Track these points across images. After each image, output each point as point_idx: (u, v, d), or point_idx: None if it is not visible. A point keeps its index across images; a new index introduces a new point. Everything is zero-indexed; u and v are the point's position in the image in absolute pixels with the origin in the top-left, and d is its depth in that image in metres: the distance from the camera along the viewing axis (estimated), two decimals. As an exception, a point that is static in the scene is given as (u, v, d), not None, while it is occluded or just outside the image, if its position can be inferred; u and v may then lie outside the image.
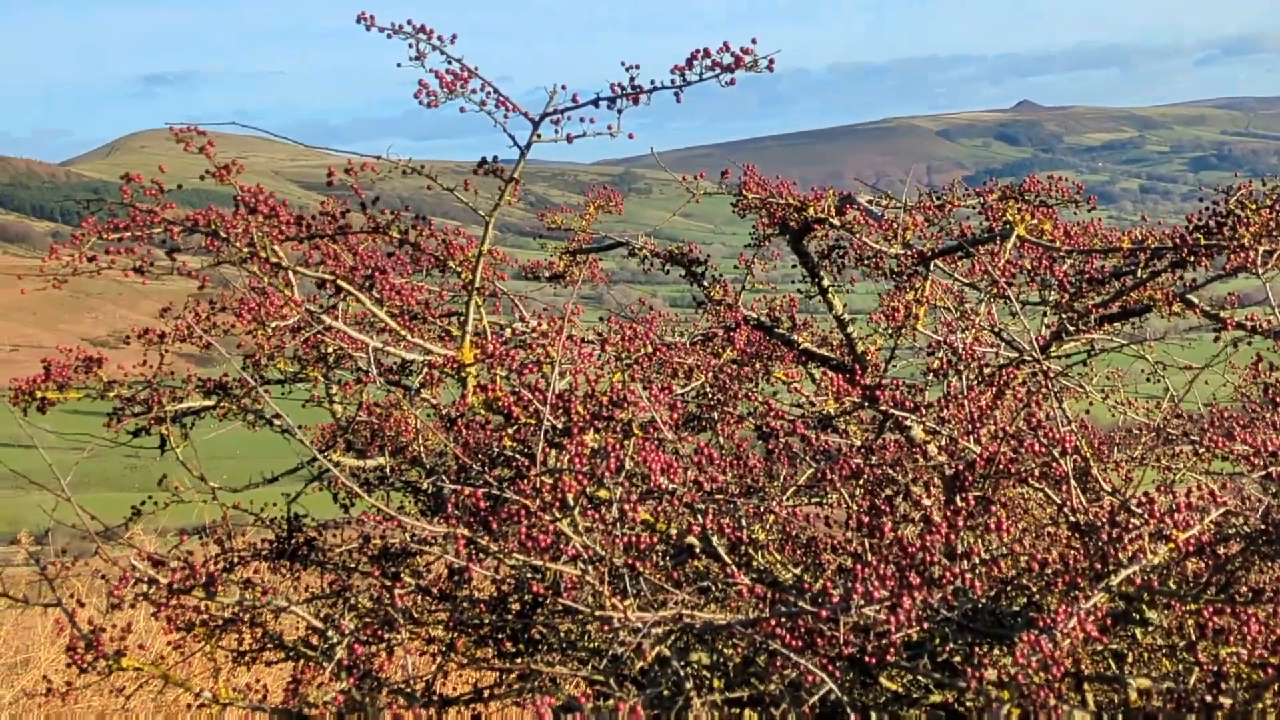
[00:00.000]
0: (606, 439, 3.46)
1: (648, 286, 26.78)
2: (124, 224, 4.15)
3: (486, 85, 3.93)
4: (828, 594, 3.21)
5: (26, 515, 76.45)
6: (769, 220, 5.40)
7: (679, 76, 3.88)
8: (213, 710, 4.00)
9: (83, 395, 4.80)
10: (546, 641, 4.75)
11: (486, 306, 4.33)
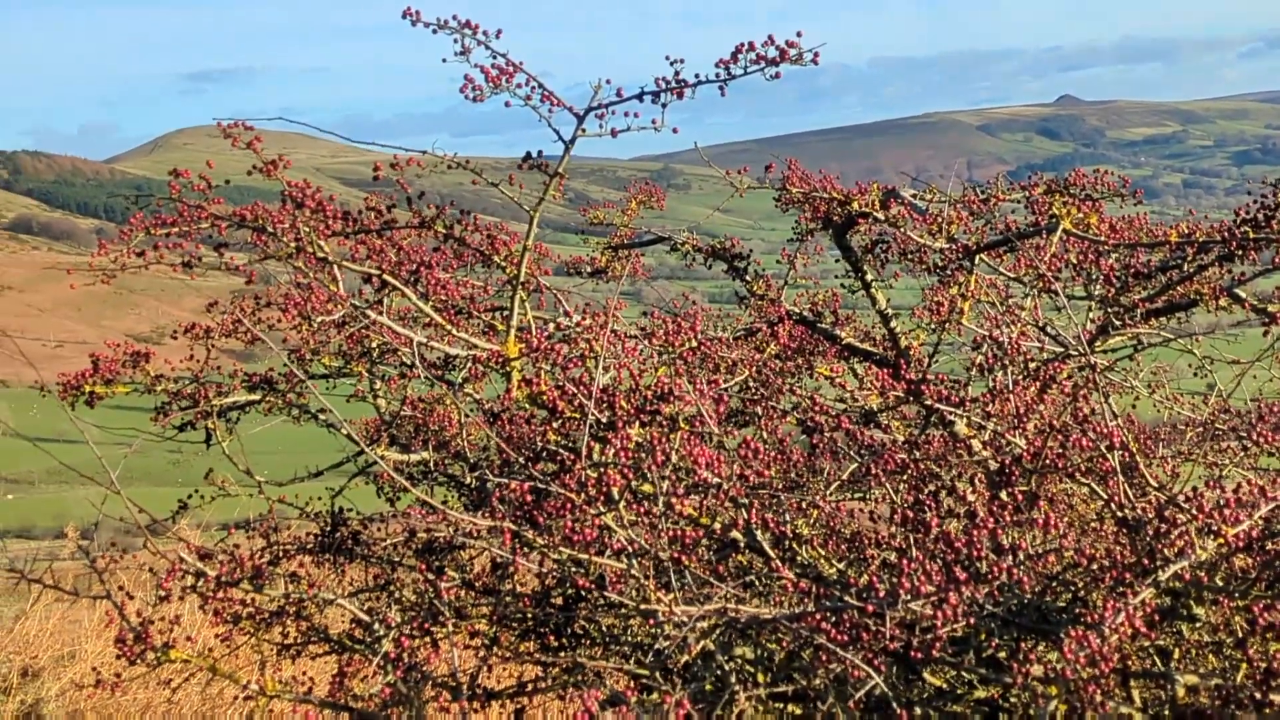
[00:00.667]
0: (651, 433, 3.46)
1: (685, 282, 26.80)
2: (171, 219, 4.18)
3: (531, 80, 3.94)
4: (874, 589, 3.20)
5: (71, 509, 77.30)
6: (812, 215, 5.39)
7: (723, 70, 3.88)
8: (259, 702, 4.02)
9: (130, 390, 4.84)
10: (588, 636, 4.76)
11: (531, 302, 4.34)
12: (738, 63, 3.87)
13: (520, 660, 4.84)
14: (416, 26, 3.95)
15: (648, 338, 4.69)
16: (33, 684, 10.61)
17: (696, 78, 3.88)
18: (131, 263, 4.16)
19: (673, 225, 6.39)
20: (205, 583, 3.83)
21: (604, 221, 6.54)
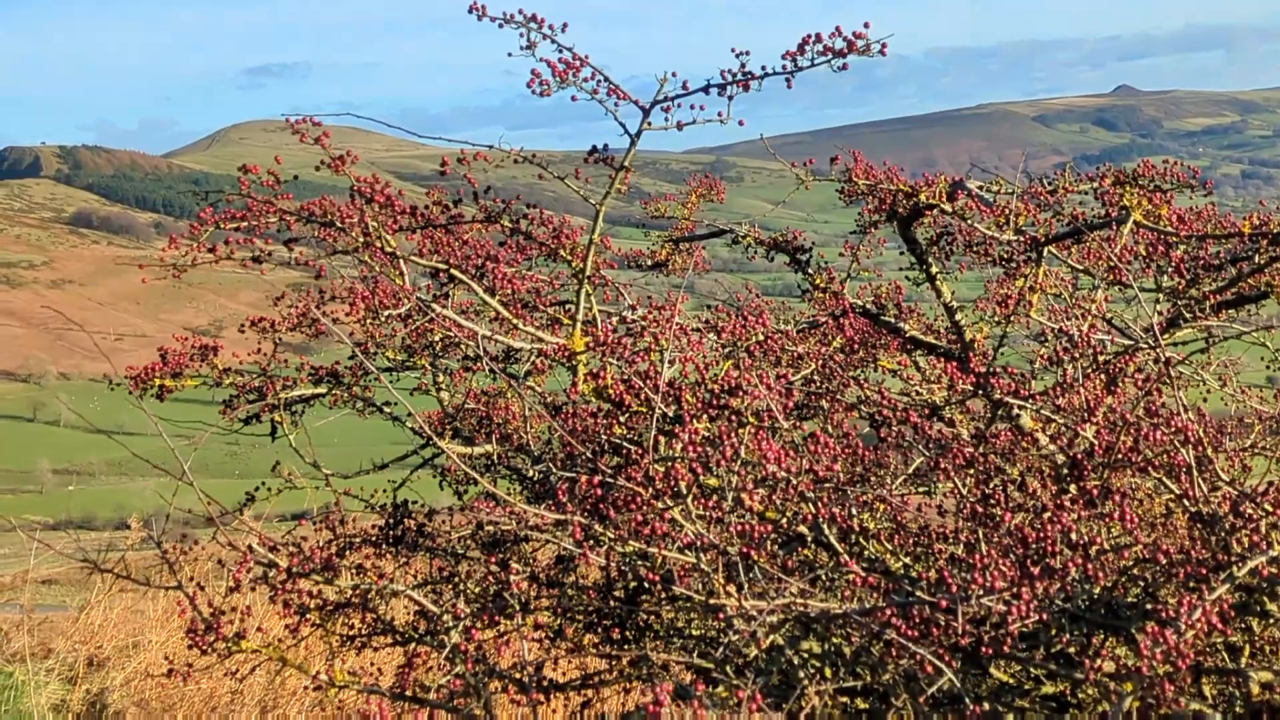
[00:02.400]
0: (720, 427, 3.46)
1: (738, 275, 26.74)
2: (240, 214, 4.21)
3: (596, 74, 3.94)
4: (945, 583, 3.18)
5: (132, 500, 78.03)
6: (876, 207, 5.36)
7: (790, 62, 3.86)
8: (328, 693, 4.05)
9: (199, 383, 4.88)
10: (650, 629, 4.76)
11: (596, 295, 4.34)
12: (804, 54, 3.86)
13: (584, 653, 4.85)
14: (482, 21, 3.96)
15: (712, 331, 4.69)
16: (98, 673, 10.75)
17: (763, 70, 3.87)
18: (203, 257, 4.19)
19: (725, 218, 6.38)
20: (276, 574, 3.86)
21: (666, 215, 6.53)
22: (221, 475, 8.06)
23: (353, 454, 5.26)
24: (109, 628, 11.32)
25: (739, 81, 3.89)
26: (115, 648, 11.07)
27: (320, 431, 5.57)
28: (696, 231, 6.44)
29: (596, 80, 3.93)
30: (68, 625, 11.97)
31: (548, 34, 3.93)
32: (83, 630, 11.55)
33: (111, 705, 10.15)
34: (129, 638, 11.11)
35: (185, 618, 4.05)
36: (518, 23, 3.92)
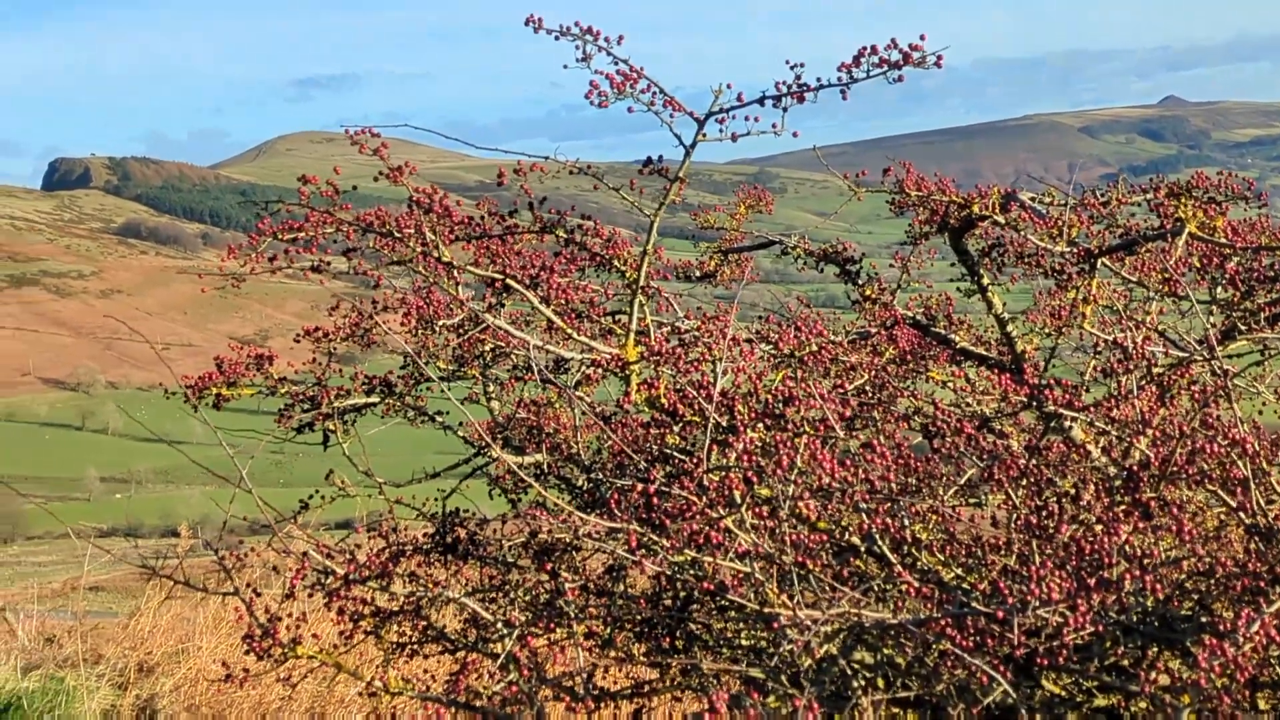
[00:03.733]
0: (775, 436, 3.47)
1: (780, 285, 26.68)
2: (298, 225, 4.24)
3: (652, 85, 3.96)
4: (1001, 594, 3.18)
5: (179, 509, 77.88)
6: (927, 218, 5.35)
7: (845, 74, 3.87)
8: (381, 699, 4.08)
9: (254, 392, 4.93)
10: (700, 639, 4.77)
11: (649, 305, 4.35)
12: (860, 66, 3.86)
13: (633, 662, 4.87)
14: (538, 33, 3.99)
15: (763, 341, 4.70)
16: (148, 679, 10.84)
17: (818, 81, 3.88)
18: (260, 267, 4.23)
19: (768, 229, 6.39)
20: (333, 580, 3.89)
21: (714, 225, 6.54)
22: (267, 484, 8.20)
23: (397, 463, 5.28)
24: (158, 634, 11.41)
25: (794, 93, 3.91)
26: (164, 654, 11.16)
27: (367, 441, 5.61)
28: (744, 242, 6.45)
29: (652, 92, 3.95)
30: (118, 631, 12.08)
31: (603, 46, 3.95)
32: (133, 636, 11.65)
33: (161, 711, 10.23)
34: (178, 644, 11.19)
35: (242, 623, 4.09)
36: (574, 35, 3.95)
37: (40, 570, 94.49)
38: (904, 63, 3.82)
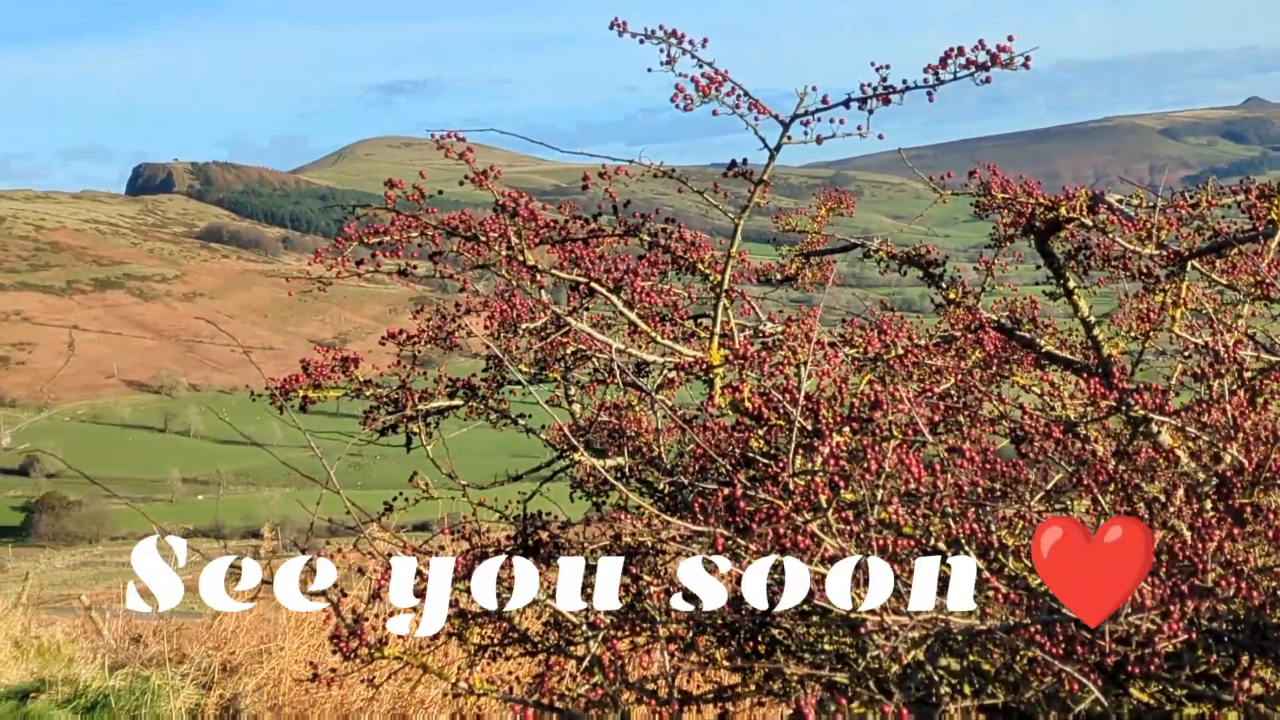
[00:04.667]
0: (862, 441, 3.45)
1: (857, 289, 26.61)
2: (384, 229, 4.28)
3: (737, 88, 3.96)
4: (1094, 601, 3.14)
5: (259, 510, 78.89)
6: (1012, 221, 5.30)
7: (932, 76, 3.84)
8: (466, 700, 4.10)
9: (339, 394, 4.96)
10: (783, 644, 4.75)
11: (733, 309, 4.35)
12: (947, 68, 3.84)
13: (715, 666, 4.86)
14: (622, 36, 3.99)
15: (846, 344, 4.67)
16: (231, 679, 10.97)
17: (905, 83, 3.86)
18: (346, 271, 4.26)
19: (846, 233, 6.36)
20: (420, 582, 3.92)
21: (795, 229, 6.52)
22: (346, 486, 8.27)
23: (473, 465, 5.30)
24: (241, 634, 11.55)
25: (879, 95, 3.88)
26: (247, 654, 11.29)
27: (449, 442, 5.64)
28: (825, 246, 6.42)
29: (737, 95, 3.95)
30: (201, 631, 12.23)
31: (688, 49, 3.95)
32: (216, 636, 11.80)
33: (244, 710, 10.35)
34: (260, 644, 11.31)
35: (327, 624, 4.13)
36: (658, 38, 3.95)
37: (124, 570, 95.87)
38: (992, 64, 3.79)
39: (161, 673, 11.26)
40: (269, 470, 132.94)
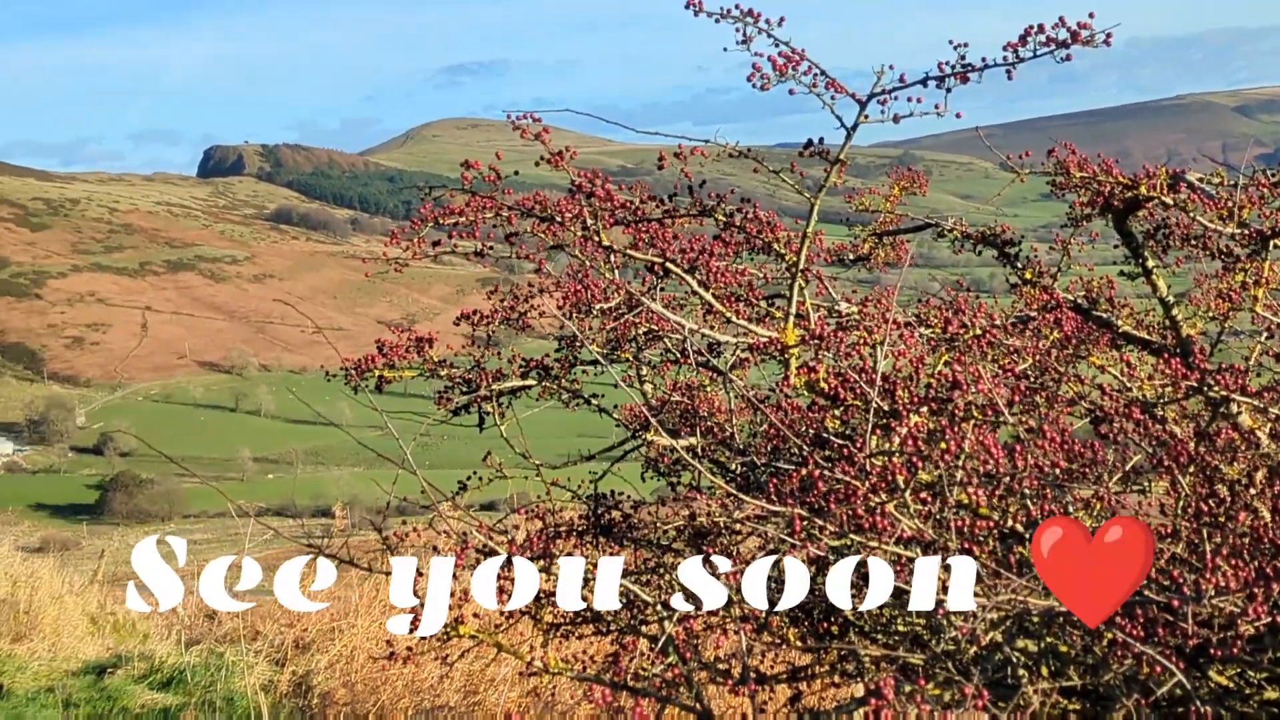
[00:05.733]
0: (940, 421, 3.43)
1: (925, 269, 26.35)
2: (458, 209, 4.29)
3: (813, 68, 3.93)
4: (1175, 582, 3.11)
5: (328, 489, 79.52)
6: (1089, 200, 5.24)
7: (1011, 54, 3.81)
8: (541, 679, 4.12)
9: (415, 375, 4.99)
10: (855, 625, 4.74)
11: (810, 289, 4.33)
12: (1026, 45, 3.80)
13: (787, 646, 4.85)
14: (698, 16, 3.98)
15: (922, 324, 4.64)
16: (303, 656, 11.10)
17: (983, 61, 3.82)
18: (422, 252, 4.28)
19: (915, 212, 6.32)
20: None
21: (869, 208, 6.49)
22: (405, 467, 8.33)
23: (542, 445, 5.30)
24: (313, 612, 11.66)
25: (957, 74, 3.85)
26: (320, 631, 11.41)
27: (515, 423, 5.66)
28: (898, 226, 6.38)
29: (813, 74, 3.93)
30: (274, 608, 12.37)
31: (764, 28, 3.93)
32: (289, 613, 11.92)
33: (317, 686, 10.47)
34: (332, 621, 11.43)
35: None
36: (734, 17, 3.93)
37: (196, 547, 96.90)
38: (1072, 41, 3.74)
39: (235, 649, 11.40)
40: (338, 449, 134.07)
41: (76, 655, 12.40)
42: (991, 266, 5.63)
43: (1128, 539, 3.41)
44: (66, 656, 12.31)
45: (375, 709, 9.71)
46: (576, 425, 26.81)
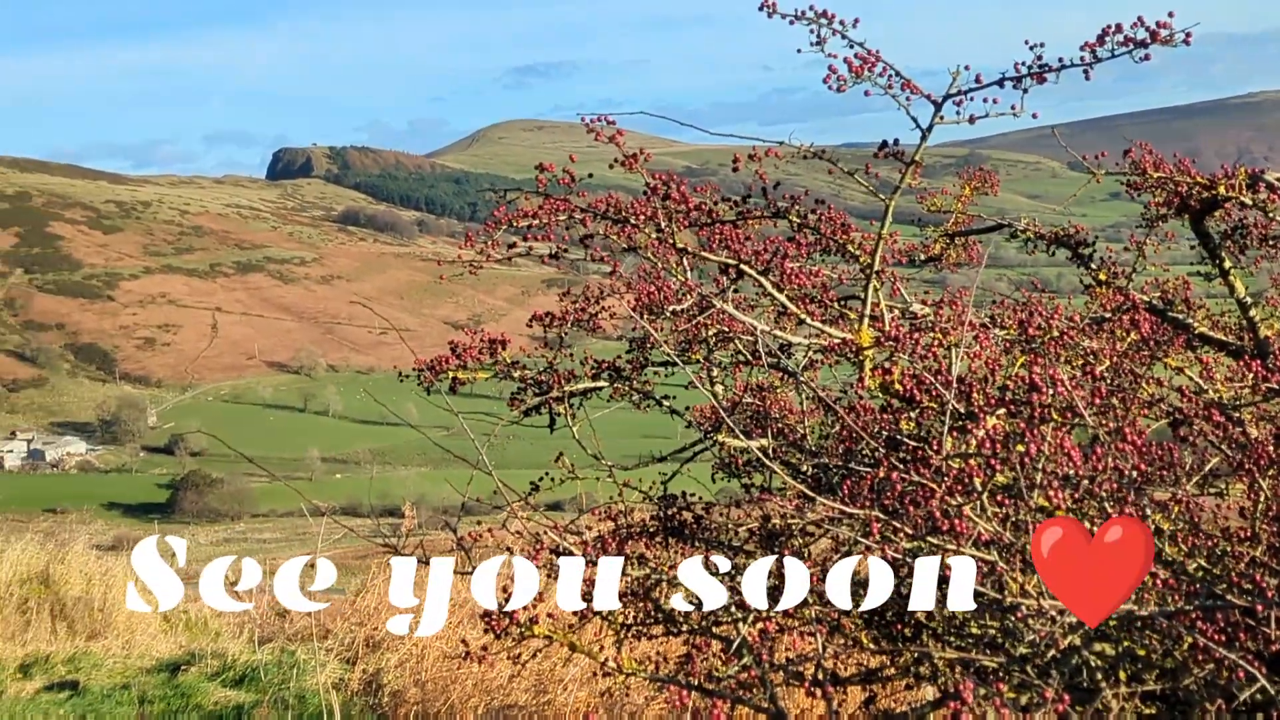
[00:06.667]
0: (1018, 424, 3.41)
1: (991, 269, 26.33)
2: (531, 212, 4.31)
3: (888, 69, 3.92)
4: (1260, 588, 3.08)
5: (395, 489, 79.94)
6: (1165, 200, 5.19)
7: (1089, 53, 3.78)
8: (615, 679, 4.14)
9: (488, 376, 5.02)
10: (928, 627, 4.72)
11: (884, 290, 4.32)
12: (1104, 45, 3.77)
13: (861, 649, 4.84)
14: (772, 18, 3.98)
15: (996, 326, 4.62)
16: (374, 654, 11.19)
17: (1061, 61, 3.80)
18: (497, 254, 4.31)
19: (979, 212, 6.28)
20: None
21: (940, 209, 6.45)
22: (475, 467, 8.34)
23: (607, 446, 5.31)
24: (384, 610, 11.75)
25: (1034, 74, 3.83)
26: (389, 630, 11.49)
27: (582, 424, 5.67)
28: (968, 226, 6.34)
29: (888, 75, 3.92)
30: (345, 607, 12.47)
31: (838, 29, 3.93)
32: (360, 612, 12.02)
33: (388, 685, 10.54)
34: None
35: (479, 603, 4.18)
36: (808, 19, 3.93)
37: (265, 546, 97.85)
38: (1151, 41, 3.71)
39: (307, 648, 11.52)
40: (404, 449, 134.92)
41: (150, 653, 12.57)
42: (1058, 266, 5.60)
43: (1128, 539, 3.40)
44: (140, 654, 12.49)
45: (445, 707, 9.77)
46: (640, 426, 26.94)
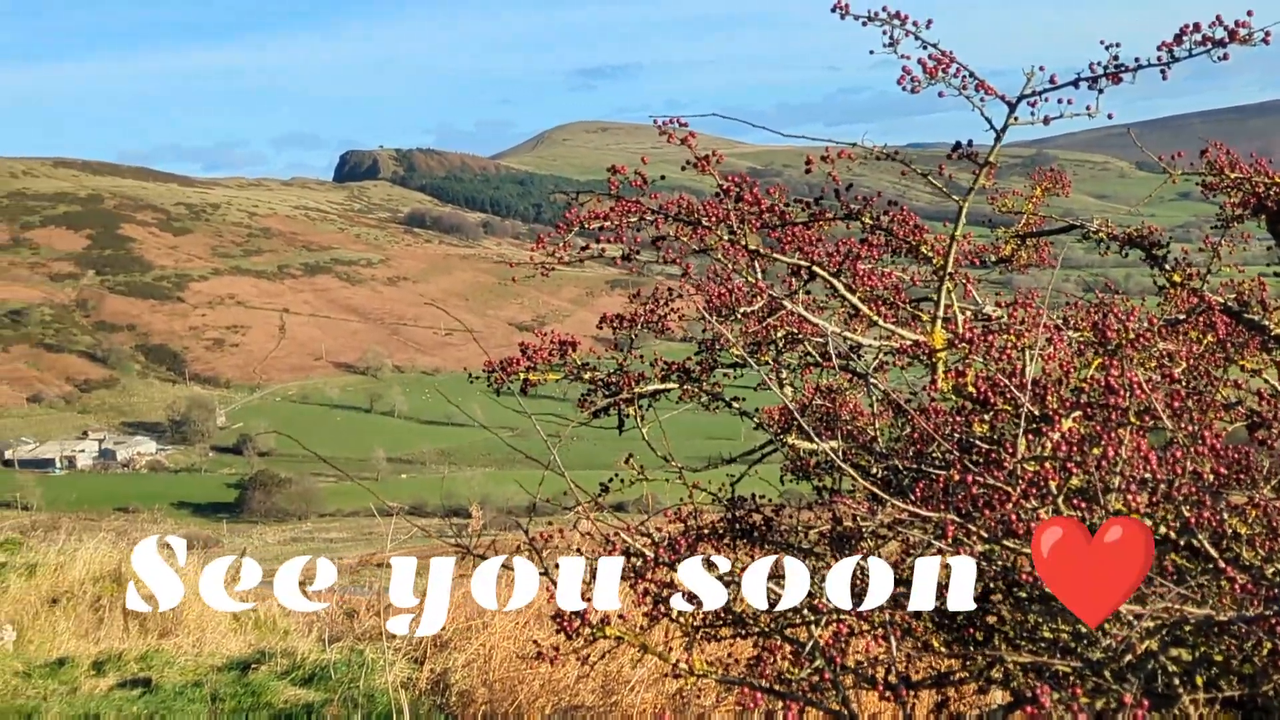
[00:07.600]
0: (1094, 427, 3.38)
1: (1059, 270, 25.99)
2: (604, 214, 4.33)
3: (962, 70, 3.90)
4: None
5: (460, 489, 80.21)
6: (1241, 200, 5.13)
7: (1166, 53, 3.74)
8: (686, 680, 4.14)
9: (559, 378, 5.04)
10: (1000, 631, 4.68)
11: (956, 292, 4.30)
12: (1181, 45, 3.73)
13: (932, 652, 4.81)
14: (845, 19, 3.97)
15: (1070, 328, 4.58)
16: (441, 654, 11.24)
17: (1137, 62, 3.76)
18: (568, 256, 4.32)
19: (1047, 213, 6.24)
20: (645, 563, 3.96)
21: (1012, 210, 6.41)
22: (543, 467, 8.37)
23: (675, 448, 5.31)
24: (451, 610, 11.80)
25: (1109, 74, 3.79)
26: (457, 630, 11.54)
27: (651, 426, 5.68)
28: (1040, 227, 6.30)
29: (962, 76, 3.90)
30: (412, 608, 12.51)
31: (911, 30, 3.92)
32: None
33: (455, 684, 10.60)
34: (469, 620, 11.55)
35: (551, 603, 4.19)
36: (881, 20, 3.92)
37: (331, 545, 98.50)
38: (1230, 40, 3.67)
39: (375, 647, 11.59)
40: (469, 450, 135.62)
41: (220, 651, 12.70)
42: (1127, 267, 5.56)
43: (1128, 539, 3.38)
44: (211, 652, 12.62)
45: (513, 708, 9.81)
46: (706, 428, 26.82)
